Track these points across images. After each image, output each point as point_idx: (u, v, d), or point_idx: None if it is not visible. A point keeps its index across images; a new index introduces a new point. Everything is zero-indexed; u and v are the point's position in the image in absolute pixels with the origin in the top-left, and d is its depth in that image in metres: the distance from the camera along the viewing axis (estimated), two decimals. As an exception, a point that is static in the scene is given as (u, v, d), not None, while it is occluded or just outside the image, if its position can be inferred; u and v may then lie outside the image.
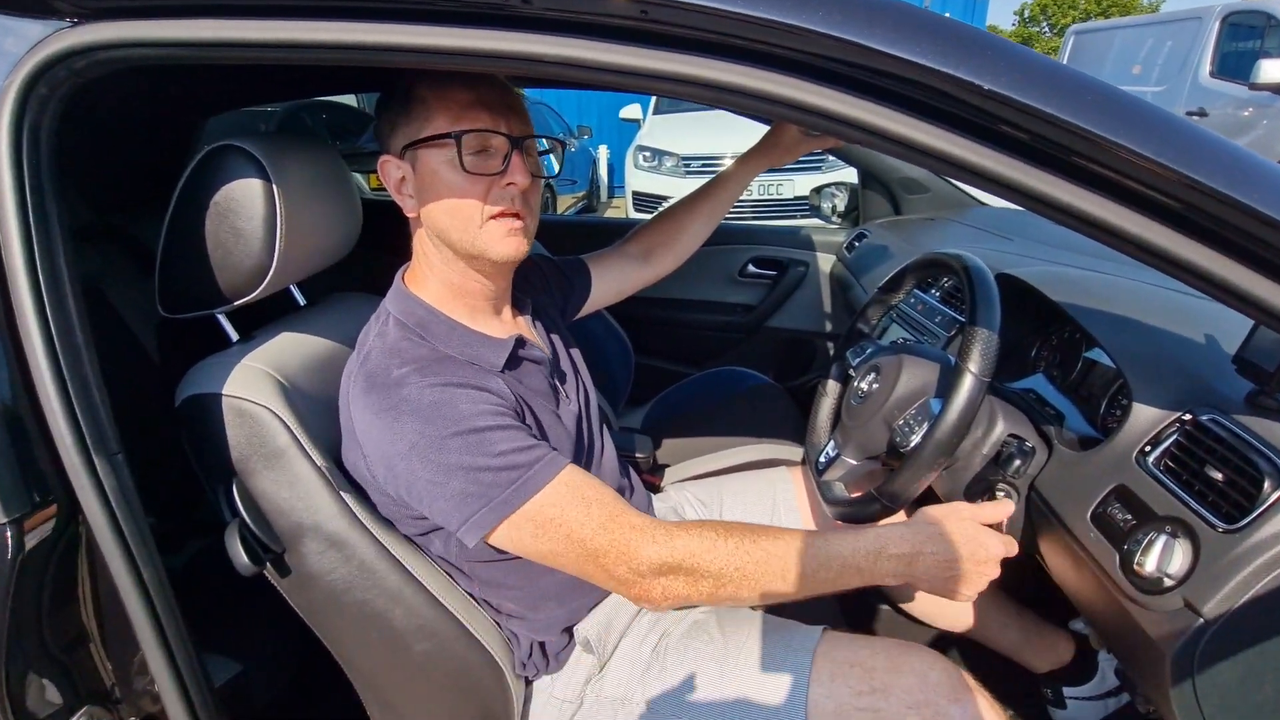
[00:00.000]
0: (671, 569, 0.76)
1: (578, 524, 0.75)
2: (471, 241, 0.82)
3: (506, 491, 0.75)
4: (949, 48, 0.52)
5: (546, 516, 0.75)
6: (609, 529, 0.76)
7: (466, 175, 0.79)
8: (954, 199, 1.94)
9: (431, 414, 0.75)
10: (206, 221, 0.84)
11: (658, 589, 0.76)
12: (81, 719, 0.71)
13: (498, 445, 0.75)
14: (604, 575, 0.77)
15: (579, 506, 0.76)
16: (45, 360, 0.64)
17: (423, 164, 0.81)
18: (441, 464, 0.74)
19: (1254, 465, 0.66)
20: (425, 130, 0.80)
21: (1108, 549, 0.76)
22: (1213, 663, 0.64)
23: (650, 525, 0.77)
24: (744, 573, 0.76)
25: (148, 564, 0.70)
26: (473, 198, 0.80)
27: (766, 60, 0.56)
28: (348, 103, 6.63)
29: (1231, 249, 0.55)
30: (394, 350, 0.81)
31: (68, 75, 0.66)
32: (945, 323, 1.30)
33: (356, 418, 0.79)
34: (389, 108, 0.83)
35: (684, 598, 0.77)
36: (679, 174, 5.32)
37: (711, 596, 0.77)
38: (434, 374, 0.77)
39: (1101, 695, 1.24)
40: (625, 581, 0.76)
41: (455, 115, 0.79)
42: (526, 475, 0.75)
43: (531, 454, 0.76)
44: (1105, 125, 0.52)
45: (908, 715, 0.79)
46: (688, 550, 0.76)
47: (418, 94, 0.80)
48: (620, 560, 0.75)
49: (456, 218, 0.81)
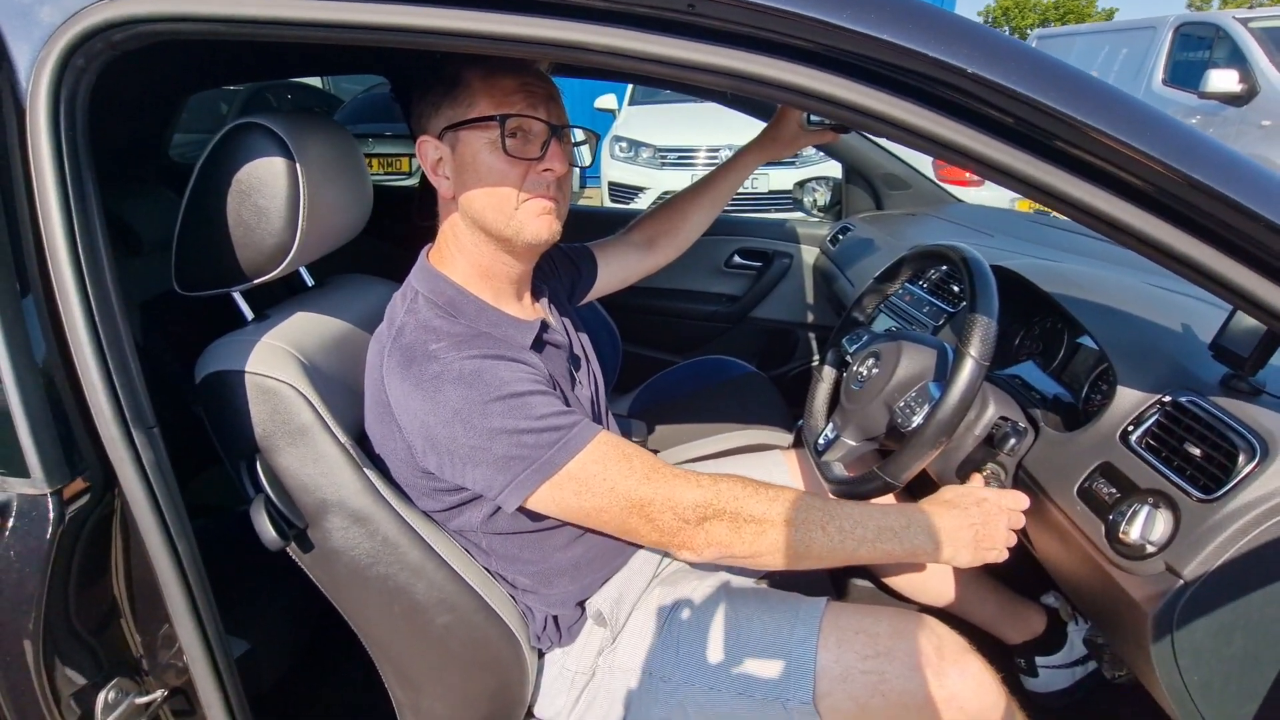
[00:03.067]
0: (716, 513, 0.78)
1: (622, 477, 0.78)
2: (506, 223, 0.84)
3: (550, 452, 0.77)
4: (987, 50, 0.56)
5: (590, 474, 0.78)
6: (652, 479, 0.78)
7: (506, 158, 0.81)
8: (934, 195, 2.02)
9: (474, 380, 0.77)
10: (229, 200, 0.84)
11: (701, 536, 0.79)
12: (110, 691, 0.72)
13: (539, 409, 0.77)
14: (649, 527, 0.79)
15: (621, 462, 0.79)
16: (85, 333, 0.64)
17: (464, 146, 0.83)
18: (485, 428, 0.76)
19: (1229, 441, 0.73)
20: (469, 113, 0.81)
21: (1094, 521, 0.82)
22: (1190, 620, 0.71)
23: (691, 474, 0.81)
24: (786, 519, 0.79)
25: (181, 536, 0.71)
26: (510, 182, 0.82)
27: (789, 53, 0.59)
28: (313, 84, 6.48)
29: (1208, 235, 0.60)
30: (427, 326, 0.82)
31: (104, 47, 0.65)
32: (933, 313, 1.36)
33: (393, 391, 0.80)
34: (432, 90, 0.84)
35: (726, 545, 0.79)
36: (655, 165, 5.34)
37: (753, 545, 0.79)
38: (471, 347, 0.79)
39: (1070, 664, 1.32)
40: (670, 530, 0.78)
41: (499, 100, 0.81)
42: (568, 436, 0.78)
43: (570, 418, 0.79)
44: (1089, 113, 0.56)
45: (910, 676, 0.85)
46: (731, 494, 0.79)
47: (465, 79, 0.82)
48: (666, 507, 0.78)
49: (494, 199, 0.83)
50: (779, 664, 0.89)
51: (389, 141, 5.31)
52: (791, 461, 1.29)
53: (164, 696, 0.74)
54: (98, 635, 0.72)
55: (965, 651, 0.88)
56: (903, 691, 0.85)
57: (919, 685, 0.85)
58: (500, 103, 0.81)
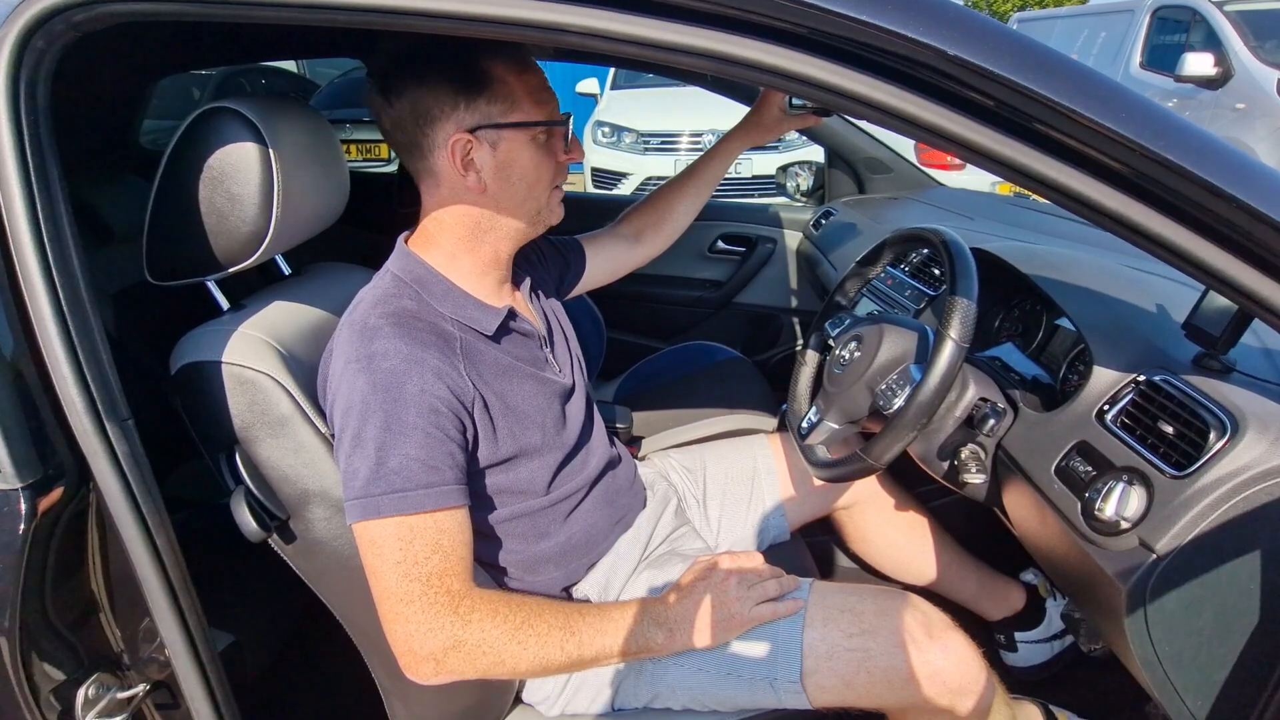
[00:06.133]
0: (458, 647, 0.76)
1: (413, 564, 0.75)
2: (538, 212, 0.89)
3: (382, 498, 0.75)
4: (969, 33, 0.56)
5: (388, 536, 0.75)
6: (431, 586, 0.75)
7: (551, 158, 0.86)
8: (915, 179, 2.02)
9: (383, 381, 0.76)
10: (200, 187, 0.83)
11: (430, 667, 0.77)
12: (91, 686, 0.71)
13: (408, 447, 0.76)
14: (395, 624, 0.76)
15: (428, 550, 0.76)
16: (54, 323, 0.63)
17: (506, 144, 0.84)
18: (358, 433, 0.76)
19: (1201, 419, 0.74)
20: (512, 113, 0.83)
21: (1070, 498, 0.83)
22: (1162, 593, 0.73)
23: (465, 600, 0.77)
24: (523, 648, 0.79)
25: (160, 530, 0.70)
26: (548, 176, 0.88)
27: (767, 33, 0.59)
28: (288, 68, 6.34)
29: (1181, 216, 0.60)
30: (380, 299, 0.83)
31: (65, 28, 0.63)
32: (914, 296, 1.37)
33: (334, 364, 0.81)
34: (453, 84, 0.82)
35: (459, 674, 0.78)
36: (638, 150, 5.30)
37: (486, 673, 0.79)
38: (405, 335, 0.79)
39: (1048, 638, 1.36)
40: (406, 646, 0.76)
41: (535, 99, 0.84)
42: (407, 493, 0.75)
43: (431, 475, 0.76)
44: (1071, 96, 0.56)
45: (894, 653, 0.86)
46: (481, 633, 0.77)
47: (498, 74, 0.82)
48: (421, 621, 0.75)
49: (533, 193, 0.87)
50: (766, 644, 0.90)
51: (367, 127, 5.22)
52: (775, 446, 1.30)
53: (146, 691, 0.74)
54: (77, 631, 0.71)
55: (948, 628, 0.89)
56: (887, 668, 0.87)
57: (903, 661, 0.86)
58: (539, 101, 0.84)
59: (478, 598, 0.79)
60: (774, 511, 1.24)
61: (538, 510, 0.93)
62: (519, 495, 0.92)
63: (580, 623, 0.83)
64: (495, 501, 0.90)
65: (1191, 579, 0.72)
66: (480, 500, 0.88)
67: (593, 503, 1.00)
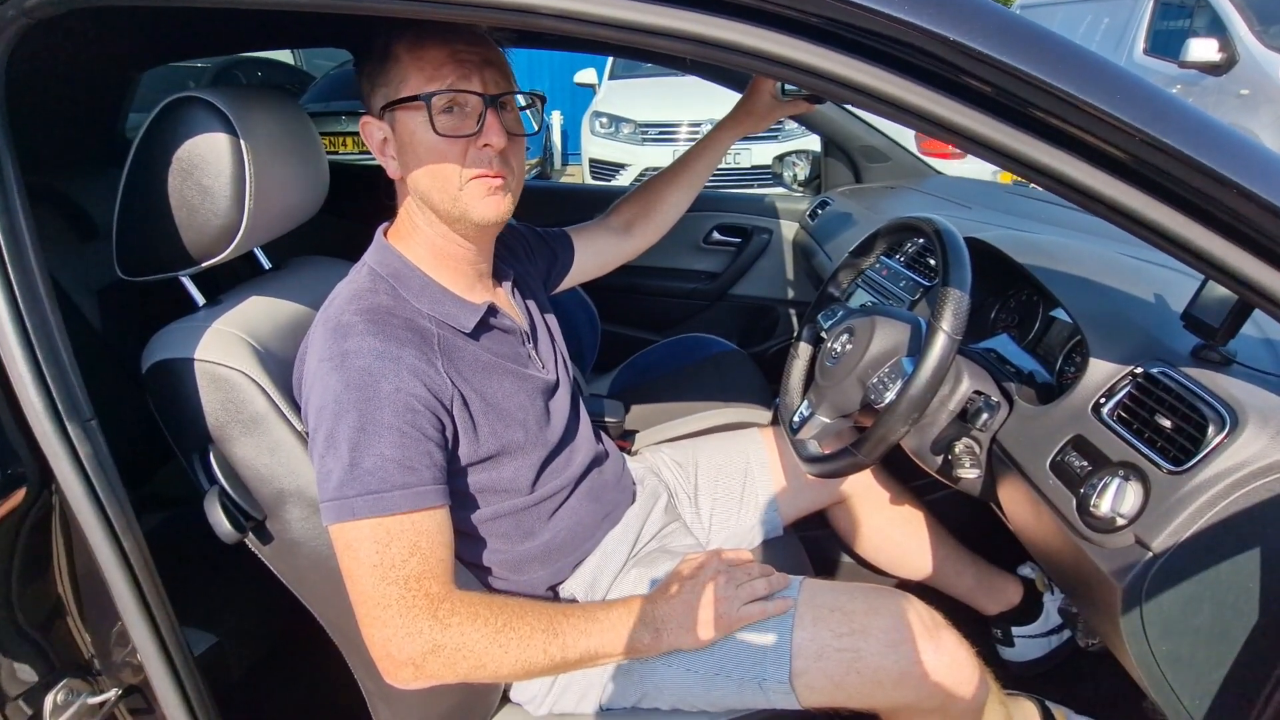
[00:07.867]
0: (437, 650, 0.74)
1: (390, 567, 0.73)
2: (452, 204, 0.81)
3: (357, 499, 0.73)
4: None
5: (363, 538, 0.73)
6: (409, 590, 0.73)
7: (441, 137, 0.77)
8: (913, 168, 1.99)
9: (357, 380, 0.74)
10: (169, 179, 0.80)
11: (409, 671, 0.75)
12: (61, 692, 0.69)
13: (383, 447, 0.73)
14: (374, 629, 0.74)
15: (406, 551, 0.74)
16: (9, 322, 0.61)
17: (401, 125, 0.80)
18: (332, 433, 0.74)
19: (1199, 413, 0.72)
20: (401, 90, 0.78)
21: (1065, 494, 0.81)
22: (1159, 592, 0.71)
23: (445, 602, 0.75)
24: (505, 651, 0.77)
25: (126, 532, 0.68)
26: (451, 160, 0.79)
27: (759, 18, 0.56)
28: (284, 59, 6.29)
29: (1180, 203, 0.58)
30: (356, 295, 0.80)
31: (16, 14, 0.61)
32: (909, 287, 1.34)
33: (308, 362, 0.79)
34: (367, 65, 0.81)
35: (439, 679, 0.76)
36: (636, 140, 5.26)
37: (467, 676, 0.77)
38: (379, 333, 0.77)
39: (1046, 633, 1.34)
40: (384, 650, 0.74)
41: (429, 74, 0.77)
42: (382, 494, 0.73)
43: (408, 475, 0.74)
44: (1074, 82, 0.54)
45: (885, 653, 0.85)
46: (461, 637, 0.75)
47: (394, 52, 0.79)
48: (399, 625, 0.73)
49: (436, 179, 0.80)
50: (755, 644, 0.88)
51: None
52: (769, 439, 1.28)
53: (118, 696, 0.72)
54: (45, 635, 0.69)
55: (940, 627, 0.87)
56: (878, 668, 0.85)
57: (894, 662, 0.85)
58: (431, 77, 0.77)
59: (457, 600, 0.77)
60: (767, 506, 1.22)
61: (522, 509, 0.92)
62: (502, 494, 0.90)
63: (564, 624, 0.81)
64: (478, 500, 0.89)
65: (1189, 577, 0.70)
66: (463, 499, 0.87)
67: (578, 500, 0.99)
